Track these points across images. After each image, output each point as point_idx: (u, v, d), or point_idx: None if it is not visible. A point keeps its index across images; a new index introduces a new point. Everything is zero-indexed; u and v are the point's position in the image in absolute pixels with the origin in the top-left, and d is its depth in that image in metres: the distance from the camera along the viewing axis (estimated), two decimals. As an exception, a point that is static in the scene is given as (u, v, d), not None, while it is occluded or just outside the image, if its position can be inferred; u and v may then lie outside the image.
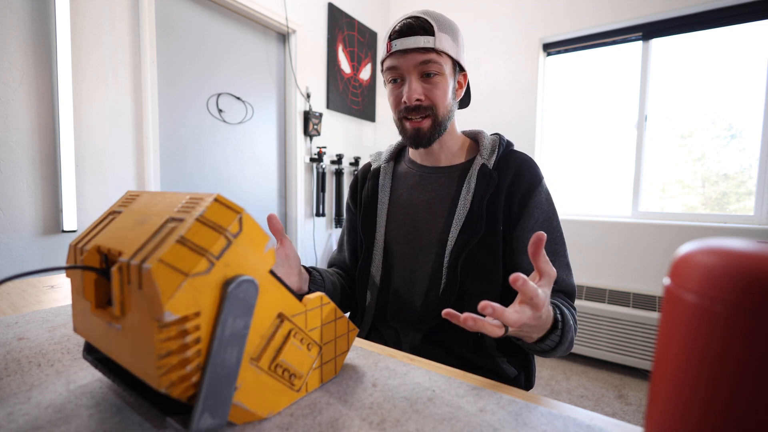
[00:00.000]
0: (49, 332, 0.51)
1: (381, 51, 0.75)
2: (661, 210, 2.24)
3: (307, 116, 2.35)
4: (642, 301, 2.04)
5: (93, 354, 0.37)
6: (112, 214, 0.35)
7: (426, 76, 0.70)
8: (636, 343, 2.00)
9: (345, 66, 2.64)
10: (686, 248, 0.20)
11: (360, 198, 0.86)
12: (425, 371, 0.43)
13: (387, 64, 0.73)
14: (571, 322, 0.60)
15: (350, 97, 2.70)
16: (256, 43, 2.17)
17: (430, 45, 0.68)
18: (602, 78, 2.37)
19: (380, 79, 3.03)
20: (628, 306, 2.05)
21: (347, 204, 0.92)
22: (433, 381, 0.40)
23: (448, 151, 0.79)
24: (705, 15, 2.02)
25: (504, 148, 0.75)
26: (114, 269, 0.28)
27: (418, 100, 0.70)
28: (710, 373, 0.17)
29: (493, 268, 0.69)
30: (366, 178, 0.87)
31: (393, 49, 0.70)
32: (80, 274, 0.32)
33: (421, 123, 0.72)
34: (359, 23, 2.74)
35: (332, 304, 0.39)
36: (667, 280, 0.20)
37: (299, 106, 2.34)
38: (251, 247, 0.29)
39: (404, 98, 0.70)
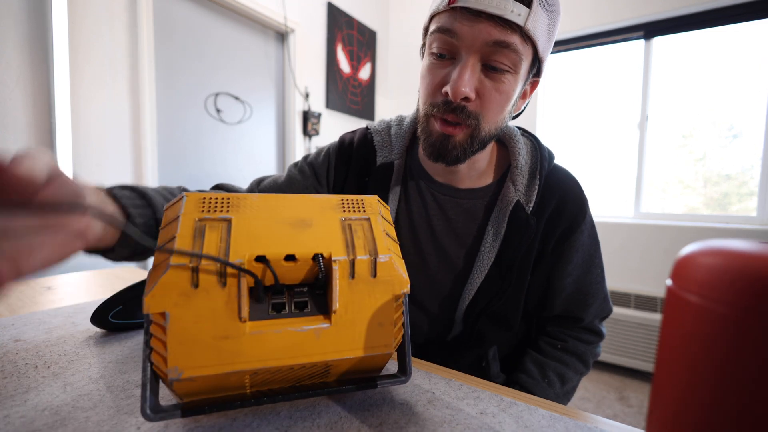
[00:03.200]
0: (45, 334, 0.50)
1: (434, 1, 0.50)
2: (662, 211, 2.23)
3: (306, 116, 2.35)
4: (643, 302, 2.04)
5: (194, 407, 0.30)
6: (204, 221, 0.30)
7: (490, 69, 0.46)
8: (637, 345, 1.99)
9: (344, 65, 2.64)
10: (688, 249, 0.20)
11: (348, 191, 0.65)
12: (425, 373, 0.42)
13: (441, 22, 0.47)
14: (560, 380, 0.60)
15: (349, 97, 2.70)
16: (254, 42, 2.16)
17: (518, 20, 0.43)
18: (604, 77, 2.37)
19: (380, 78, 3.02)
20: (629, 307, 2.05)
21: (318, 163, 0.66)
22: (433, 383, 0.40)
23: (474, 171, 0.59)
24: (707, 14, 2.02)
25: (545, 173, 0.57)
26: (336, 267, 0.30)
27: (465, 98, 0.47)
28: (713, 375, 0.17)
29: (514, 315, 0.60)
30: (368, 168, 0.63)
31: (460, 2, 0.44)
32: (235, 291, 0.28)
33: (455, 130, 0.49)
34: (359, 22, 2.74)
35: None
36: (669, 281, 0.20)
37: (298, 106, 2.34)
38: None
39: (447, 87, 0.47)
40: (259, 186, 0.67)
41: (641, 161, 2.24)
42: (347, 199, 0.35)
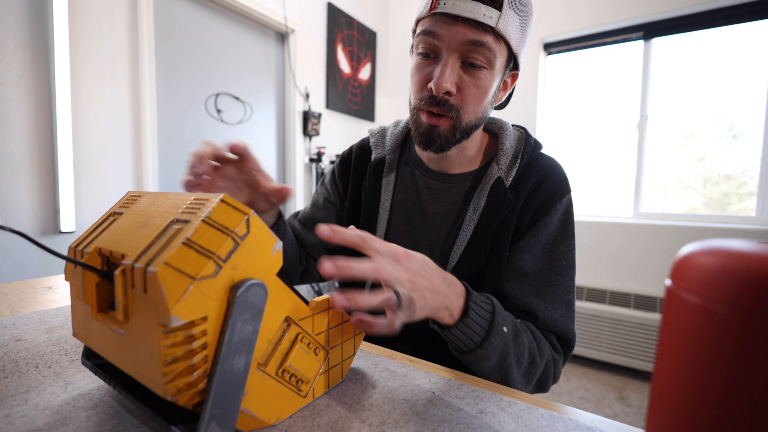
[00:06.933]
0: (46, 333, 0.50)
1: (421, 4, 0.56)
2: (662, 211, 2.24)
3: (306, 116, 2.35)
4: (643, 302, 2.04)
5: (93, 359, 0.37)
6: (113, 215, 0.34)
7: (468, 66, 0.53)
8: (637, 345, 1.99)
9: (344, 66, 2.64)
10: (688, 249, 0.20)
11: (351, 193, 0.71)
12: (425, 373, 0.43)
13: (424, 26, 0.54)
14: (509, 339, 0.48)
15: (349, 97, 2.70)
16: (254, 42, 2.17)
17: (490, 22, 0.50)
18: (603, 77, 2.37)
19: (380, 78, 3.02)
20: (629, 307, 2.05)
21: (328, 183, 0.76)
22: (433, 383, 0.40)
23: (465, 158, 0.64)
24: (707, 14, 2.02)
25: (529, 156, 0.61)
26: (117, 272, 0.26)
27: (447, 93, 0.54)
28: (712, 375, 0.17)
29: (494, 285, 0.60)
30: (366, 168, 0.70)
31: (439, 8, 0.51)
32: (81, 278, 0.31)
33: (439, 121, 0.55)
34: (359, 23, 2.74)
35: (340, 308, 0.36)
36: (668, 281, 0.20)
37: (298, 106, 2.34)
38: (259, 249, 0.28)
39: (431, 83, 0.53)
40: (297, 217, 0.80)
41: (641, 161, 2.24)
42: (195, 199, 0.30)
